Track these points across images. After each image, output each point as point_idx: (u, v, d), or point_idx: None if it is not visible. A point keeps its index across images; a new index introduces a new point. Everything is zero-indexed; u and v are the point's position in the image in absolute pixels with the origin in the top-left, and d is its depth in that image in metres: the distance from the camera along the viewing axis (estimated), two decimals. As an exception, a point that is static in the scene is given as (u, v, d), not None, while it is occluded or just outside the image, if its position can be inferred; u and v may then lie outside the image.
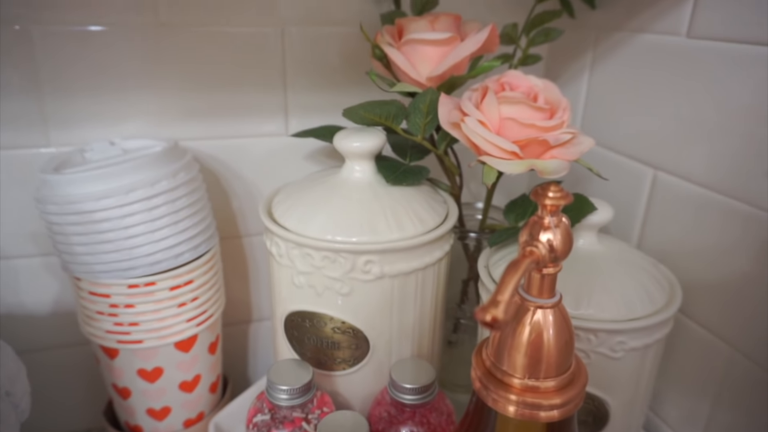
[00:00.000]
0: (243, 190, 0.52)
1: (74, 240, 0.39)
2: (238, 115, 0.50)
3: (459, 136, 0.39)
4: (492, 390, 0.28)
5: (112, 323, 0.41)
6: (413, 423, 0.38)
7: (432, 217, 0.40)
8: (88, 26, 0.44)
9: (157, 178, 0.39)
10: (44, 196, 0.39)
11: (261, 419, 0.38)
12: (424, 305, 0.41)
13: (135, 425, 0.47)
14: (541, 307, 0.27)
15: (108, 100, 0.46)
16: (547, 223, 0.26)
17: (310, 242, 0.37)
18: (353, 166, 0.41)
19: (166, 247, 0.40)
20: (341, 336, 0.39)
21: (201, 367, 0.46)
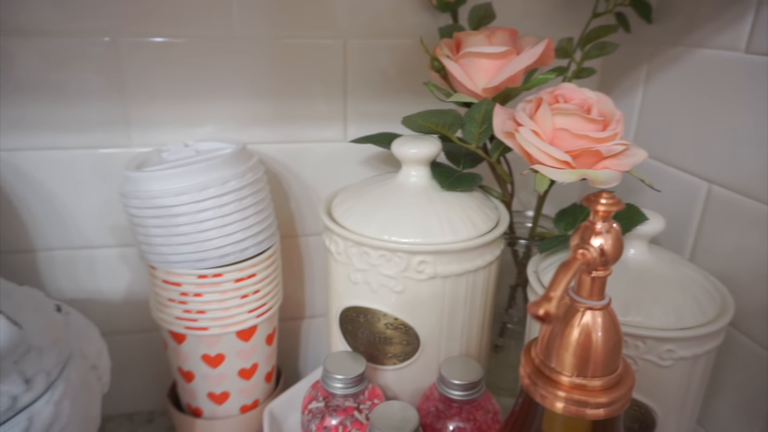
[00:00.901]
0: (302, 192, 0.55)
1: (153, 232, 0.43)
2: (300, 121, 0.53)
3: (512, 145, 0.40)
4: (540, 386, 0.30)
5: (182, 310, 0.45)
6: (460, 419, 0.39)
7: (484, 222, 0.41)
8: (169, 38, 0.48)
9: (227, 177, 0.43)
10: (128, 191, 0.43)
11: (316, 406, 0.40)
12: (474, 307, 0.42)
13: (196, 407, 0.50)
14: (590, 309, 0.28)
15: (183, 106, 0.50)
16: (598, 229, 0.27)
17: (367, 241, 0.39)
18: (409, 171, 0.43)
19: (233, 241, 0.43)
20: (393, 332, 0.41)
21: (259, 357, 0.49)
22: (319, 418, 0.39)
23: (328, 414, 0.39)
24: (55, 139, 0.49)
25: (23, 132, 0.48)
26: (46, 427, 0.30)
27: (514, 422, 0.34)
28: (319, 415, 0.40)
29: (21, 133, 0.48)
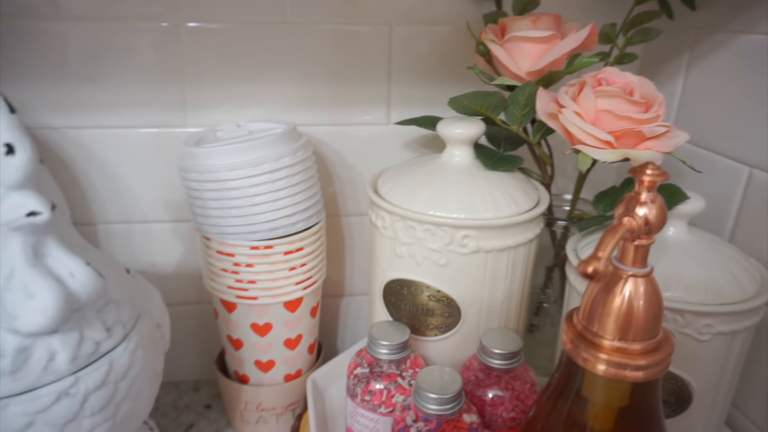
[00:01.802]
0: (344, 174, 0.58)
1: (210, 204, 0.45)
2: (345, 104, 0.55)
3: (555, 126, 0.42)
4: (583, 350, 0.31)
5: (234, 280, 0.47)
6: (499, 388, 0.41)
7: (525, 201, 0.43)
8: (225, 24, 0.51)
9: (280, 154, 0.45)
10: (187, 166, 0.45)
11: (361, 371, 0.42)
12: (514, 282, 0.44)
13: (243, 374, 0.53)
14: (633, 276, 0.30)
15: (235, 89, 0.53)
16: (643, 199, 0.29)
17: (414, 216, 0.41)
18: (454, 151, 0.45)
19: (284, 215, 0.46)
20: (436, 304, 0.43)
21: (303, 328, 0.52)
22: (364, 383, 0.42)
23: (373, 379, 0.42)
24: (117, 119, 0.52)
25: (89, 111, 0.51)
26: (123, 373, 0.32)
27: (555, 387, 0.36)
28: (364, 379, 0.42)
29: (86, 112, 0.51)
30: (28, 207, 0.27)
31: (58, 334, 0.29)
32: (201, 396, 0.61)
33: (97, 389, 0.31)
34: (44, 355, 0.29)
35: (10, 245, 0.28)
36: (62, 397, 0.29)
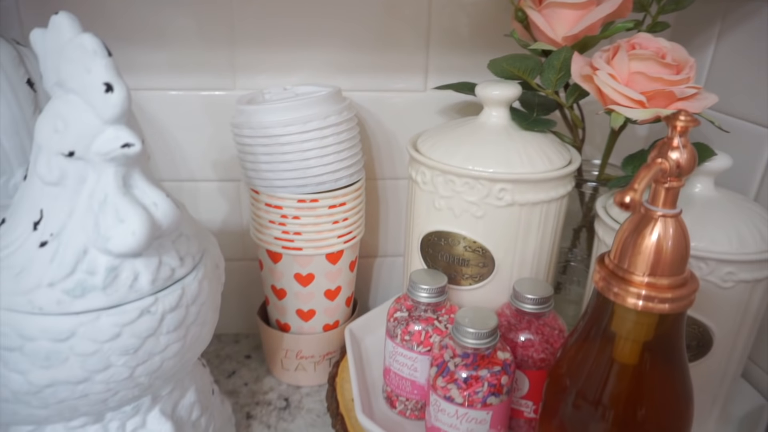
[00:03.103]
0: (382, 138, 0.60)
1: (261, 159, 0.48)
2: (384, 71, 0.58)
3: (589, 87, 0.44)
4: (614, 285, 0.34)
5: (281, 231, 0.51)
6: (529, 332, 0.44)
7: (558, 159, 0.46)
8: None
9: (328, 113, 0.48)
10: (241, 122, 0.49)
11: (400, 315, 0.46)
12: (545, 236, 0.46)
13: (285, 323, 0.56)
14: (664, 216, 0.32)
15: (282, 53, 0.56)
16: (675, 144, 0.31)
17: (454, 170, 0.44)
18: (491, 112, 0.47)
19: (330, 171, 0.49)
20: (471, 254, 0.46)
21: (342, 281, 0.55)
22: (403, 325, 0.45)
23: (412, 321, 0.45)
24: (171, 81, 0.55)
25: (144, 73, 0.55)
26: (193, 298, 0.36)
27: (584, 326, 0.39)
28: (403, 322, 0.45)
29: (141, 75, 0.55)
30: (123, 139, 0.30)
31: (142, 258, 0.33)
32: (241, 347, 0.65)
33: (172, 310, 0.34)
34: (130, 275, 0.32)
35: (104, 175, 0.31)
36: (144, 313, 0.33)
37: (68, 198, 0.31)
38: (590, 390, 0.37)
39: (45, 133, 0.31)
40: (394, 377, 0.46)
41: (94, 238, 0.31)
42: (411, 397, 0.46)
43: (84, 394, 0.34)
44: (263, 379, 0.60)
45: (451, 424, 0.40)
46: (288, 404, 0.57)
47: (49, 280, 0.31)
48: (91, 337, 0.32)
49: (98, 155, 0.30)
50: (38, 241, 0.31)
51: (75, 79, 0.30)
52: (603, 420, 0.37)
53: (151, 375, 0.35)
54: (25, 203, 0.32)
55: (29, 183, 0.32)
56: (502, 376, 0.39)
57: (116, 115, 0.30)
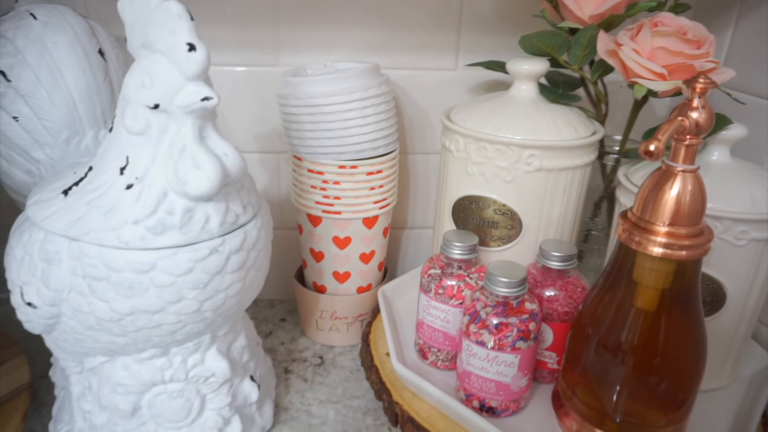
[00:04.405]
0: (413, 114, 0.64)
1: (306, 127, 0.52)
2: (417, 50, 0.61)
3: (613, 62, 0.48)
4: (636, 235, 0.37)
5: (321, 196, 0.55)
6: (554, 288, 0.47)
7: (584, 129, 0.49)
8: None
9: (368, 86, 0.52)
10: (288, 93, 0.52)
11: (433, 272, 0.49)
12: (569, 201, 0.50)
13: (321, 285, 0.60)
14: (683, 172, 0.36)
15: (321, 32, 0.60)
16: (695, 104, 0.35)
17: (487, 137, 0.47)
18: (520, 86, 0.51)
19: (369, 139, 0.53)
20: (500, 217, 0.50)
21: (377, 245, 0.59)
22: (437, 280, 0.49)
23: (445, 277, 0.48)
24: (217, 57, 0.59)
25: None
26: (252, 244, 0.40)
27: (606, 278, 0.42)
28: (437, 277, 0.49)
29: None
30: (203, 93, 0.34)
31: (212, 203, 0.37)
32: (276, 311, 0.69)
33: (236, 251, 0.38)
34: (202, 217, 0.36)
35: (183, 126, 0.35)
36: (213, 252, 0.37)
37: (151, 146, 0.35)
38: (611, 337, 0.41)
39: (132, 89, 0.35)
40: (427, 329, 0.50)
41: (173, 182, 0.35)
42: (442, 348, 0.50)
43: (158, 324, 0.38)
44: (298, 339, 0.64)
45: (482, 367, 0.44)
46: (323, 361, 0.61)
47: (134, 218, 0.35)
48: (168, 271, 0.36)
49: (180, 108, 0.34)
50: (125, 184, 0.36)
51: (161, 40, 0.34)
52: (623, 365, 0.40)
53: (215, 311, 0.40)
54: (112, 151, 0.36)
55: (115, 134, 0.37)
56: (530, 323, 0.43)
57: (198, 72, 0.34)
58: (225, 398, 0.45)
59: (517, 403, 0.45)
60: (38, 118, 0.45)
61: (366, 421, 0.52)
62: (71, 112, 0.45)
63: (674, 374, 0.40)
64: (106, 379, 0.42)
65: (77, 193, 0.37)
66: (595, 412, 0.42)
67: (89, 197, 0.36)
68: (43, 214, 0.37)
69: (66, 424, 0.47)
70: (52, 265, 0.36)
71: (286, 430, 0.51)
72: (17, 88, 0.44)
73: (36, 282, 0.37)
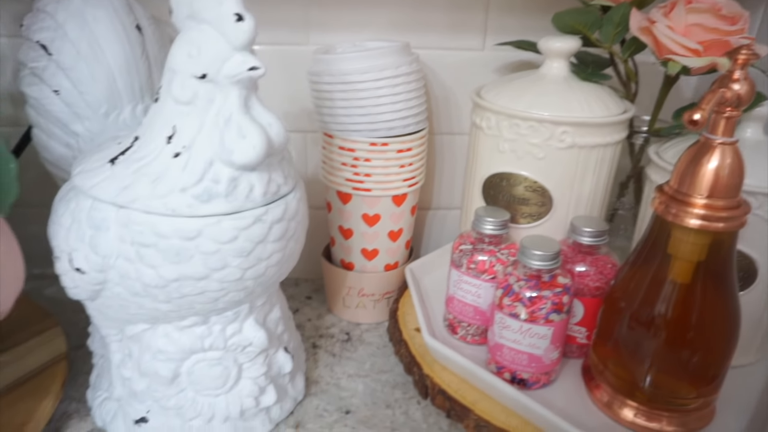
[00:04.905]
0: (440, 94, 0.65)
1: (338, 104, 0.53)
2: (445, 30, 0.62)
3: (646, 39, 0.48)
4: (673, 207, 0.38)
5: (352, 173, 0.55)
6: (584, 264, 0.48)
7: (615, 107, 0.49)
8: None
9: (399, 63, 0.52)
10: (321, 71, 0.53)
11: (465, 247, 0.50)
12: (600, 178, 0.50)
13: (349, 262, 0.61)
14: (722, 144, 0.36)
15: (351, 12, 0.60)
16: (736, 76, 0.35)
17: (520, 114, 0.48)
18: (552, 63, 0.51)
19: (400, 117, 0.53)
20: (531, 194, 0.50)
21: (404, 223, 0.59)
22: (469, 255, 0.49)
23: (476, 252, 0.49)
24: (249, 36, 0.60)
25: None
26: (293, 214, 0.41)
27: (640, 252, 0.42)
28: (468, 253, 0.49)
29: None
30: (250, 63, 0.35)
31: (256, 172, 0.38)
32: (302, 290, 0.70)
33: (278, 221, 0.39)
34: (246, 186, 0.37)
35: (229, 96, 0.36)
36: (257, 221, 0.38)
37: (198, 116, 0.36)
38: (644, 311, 0.41)
39: (180, 59, 0.36)
40: (458, 304, 0.51)
41: (219, 151, 0.36)
42: (473, 323, 0.51)
43: (202, 290, 0.39)
44: (324, 316, 0.65)
45: (515, 340, 0.44)
46: (350, 337, 0.62)
47: (182, 186, 0.36)
48: (214, 238, 0.37)
49: (227, 77, 0.35)
50: (172, 153, 0.36)
51: (208, 10, 0.35)
52: (656, 338, 0.41)
53: (256, 279, 0.40)
54: (159, 121, 0.37)
55: (162, 104, 0.37)
56: (563, 296, 0.43)
57: (245, 42, 0.34)
58: (261, 367, 0.46)
59: (548, 375, 0.46)
60: (79, 91, 0.46)
61: (395, 394, 0.53)
62: (110, 86, 0.46)
63: (707, 348, 0.41)
64: (146, 347, 0.43)
65: (124, 162, 0.38)
66: (626, 383, 0.43)
67: (136, 165, 0.37)
68: (90, 183, 0.38)
69: (104, 391, 0.48)
70: (100, 231, 0.37)
71: (316, 401, 0.52)
72: (58, 61, 0.45)
73: (84, 248, 0.38)
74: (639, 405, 0.43)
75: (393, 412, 0.51)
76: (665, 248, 0.40)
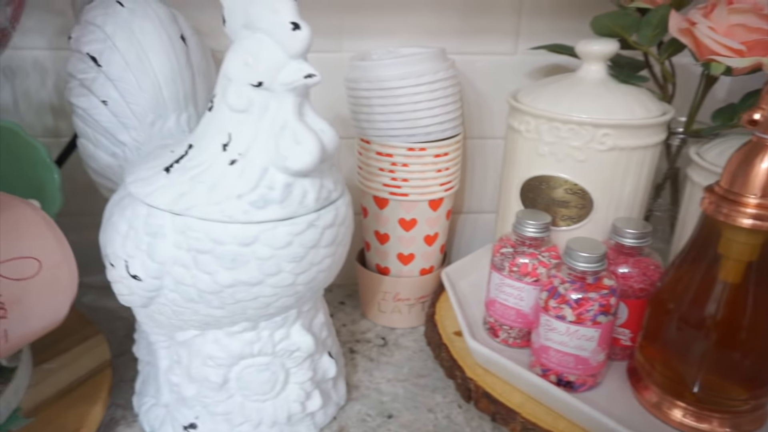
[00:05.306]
0: (472, 99, 0.65)
1: (376, 110, 0.53)
2: (477, 35, 0.62)
3: (687, 41, 0.48)
4: (724, 207, 0.38)
5: (390, 178, 0.56)
6: (627, 265, 0.48)
7: (655, 108, 0.49)
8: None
9: (437, 69, 0.53)
10: (358, 77, 0.54)
11: (506, 251, 0.50)
12: (640, 180, 0.50)
13: (385, 267, 0.61)
14: (775, 144, 0.36)
15: (383, 19, 0.61)
16: (791, 76, 0.35)
17: (560, 117, 0.48)
18: (590, 67, 0.51)
19: (437, 122, 0.54)
20: (571, 196, 0.50)
21: (440, 227, 0.60)
22: (510, 258, 0.49)
23: (518, 255, 0.49)
24: (283, 44, 0.61)
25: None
26: (342, 220, 0.41)
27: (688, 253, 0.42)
28: (510, 256, 0.49)
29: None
30: (306, 71, 0.35)
31: (308, 178, 0.38)
32: (335, 295, 0.71)
33: (329, 227, 0.40)
34: (300, 192, 0.38)
35: (284, 103, 0.36)
36: (310, 226, 0.38)
37: (253, 123, 0.37)
38: (694, 312, 0.41)
39: (236, 68, 0.36)
40: (500, 307, 0.51)
41: (274, 158, 0.36)
42: (515, 326, 0.51)
43: (256, 296, 0.39)
44: (359, 321, 0.66)
45: (562, 342, 0.45)
46: (386, 342, 0.62)
47: (238, 193, 0.36)
48: (269, 244, 0.37)
49: (282, 85, 0.36)
50: (228, 160, 0.37)
51: (264, 20, 0.35)
52: (706, 340, 0.41)
53: (307, 285, 0.41)
54: (213, 129, 0.38)
55: (216, 112, 0.38)
56: (610, 298, 0.43)
57: (302, 50, 0.35)
58: (307, 372, 0.46)
59: (594, 378, 0.46)
60: (126, 101, 0.47)
61: (435, 398, 0.53)
62: (157, 95, 0.47)
63: (759, 350, 0.41)
64: (196, 352, 0.43)
65: (179, 170, 0.38)
66: (675, 384, 0.43)
67: (192, 173, 0.38)
68: (145, 191, 0.39)
69: (151, 398, 0.48)
70: (157, 238, 0.38)
71: (358, 406, 0.53)
72: (107, 72, 0.46)
73: (141, 255, 0.38)
74: (688, 406, 0.43)
75: (435, 416, 0.51)
76: (715, 248, 0.40)
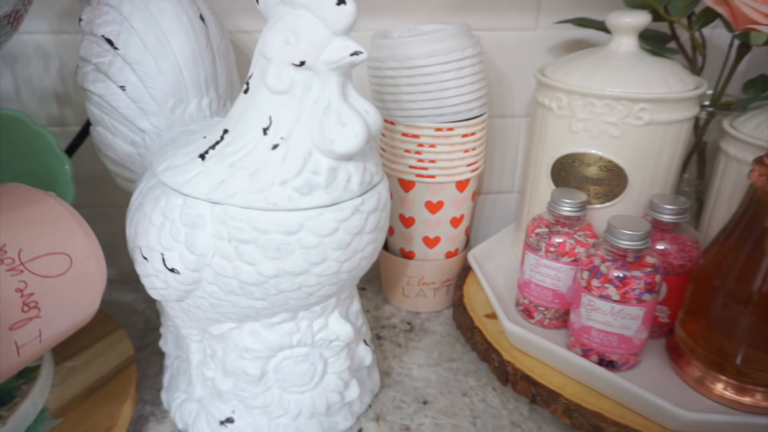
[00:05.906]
0: (493, 76, 0.63)
1: (403, 90, 0.52)
2: (497, 10, 0.60)
3: (723, 10, 0.47)
4: (777, 180, 0.37)
5: (416, 160, 0.54)
6: (665, 242, 0.47)
7: (690, 81, 0.48)
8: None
9: (465, 45, 0.51)
10: (384, 56, 0.52)
11: (540, 231, 0.49)
12: (674, 155, 0.50)
13: (409, 251, 0.60)
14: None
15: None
16: None
17: (595, 92, 0.47)
18: (621, 40, 0.50)
19: (465, 101, 0.52)
20: (605, 173, 0.49)
21: (466, 209, 0.59)
22: (546, 238, 0.48)
23: (554, 235, 0.48)
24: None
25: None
26: (384, 204, 0.40)
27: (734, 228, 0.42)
28: (546, 236, 0.49)
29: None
30: (352, 48, 0.33)
31: (352, 162, 0.36)
32: (353, 281, 0.69)
33: (373, 211, 0.38)
34: (345, 176, 0.36)
35: (327, 83, 0.34)
36: (355, 212, 0.37)
37: (295, 105, 0.35)
38: (741, 288, 0.41)
39: (276, 47, 0.34)
40: (535, 288, 0.50)
41: (318, 141, 0.35)
42: (551, 306, 0.50)
43: (299, 286, 0.38)
44: (382, 307, 0.65)
45: (606, 321, 0.44)
46: (412, 327, 0.61)
47: (282, 179, 0.35)
48: (315, 231, 0.36)
49: (326, 64, 0.34)
50: (270, 144, 0.35)
51: (305, -6, 0.33)
52: (754, 315, 0.41)
53: (350, 273, 0.39)
54: (251, 112, 0.36)
55: (253, 94, 0.36)
56: (655, 275, 0.43)
57: (347, 26, 0.33)
58: (345, 361, 0.45)
59: (636, 356, 0.46)
60: (145, 86, 0.44)
61: (469, 382, 0.53)
62: (177, 79, 0.45)
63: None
64: (233, 345, 0.42)
65: (216, 156, 0.36)
66: (718, 359, 0.43)
67: (231, 159, 0.36)
68: (180, 180, 0.37)
69: (182, 393, 0.47)
70: (197, 229, 0.36)
71: (392, 393, 0.52)
72: (124, 56, 0.44)
73: (179, 247, 0.36)
74: (732, 380, 0.43)
75: (471, 400, 0.51)
76: (763, 222, 0.39)
